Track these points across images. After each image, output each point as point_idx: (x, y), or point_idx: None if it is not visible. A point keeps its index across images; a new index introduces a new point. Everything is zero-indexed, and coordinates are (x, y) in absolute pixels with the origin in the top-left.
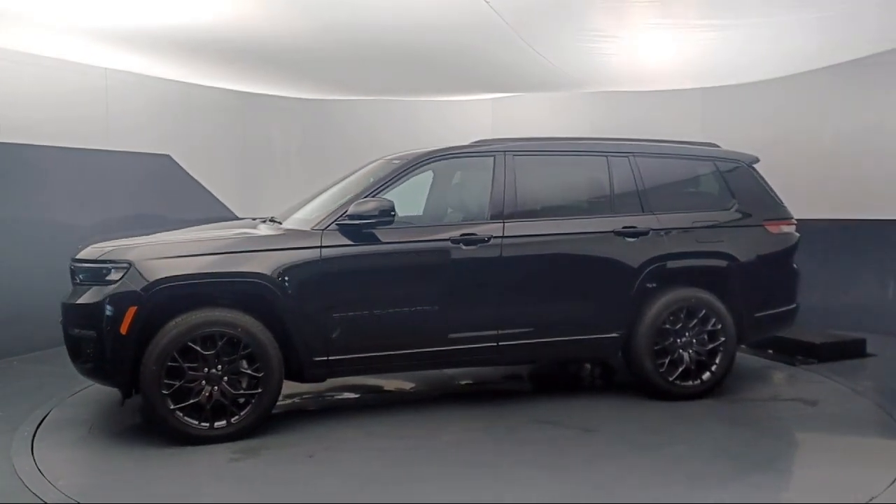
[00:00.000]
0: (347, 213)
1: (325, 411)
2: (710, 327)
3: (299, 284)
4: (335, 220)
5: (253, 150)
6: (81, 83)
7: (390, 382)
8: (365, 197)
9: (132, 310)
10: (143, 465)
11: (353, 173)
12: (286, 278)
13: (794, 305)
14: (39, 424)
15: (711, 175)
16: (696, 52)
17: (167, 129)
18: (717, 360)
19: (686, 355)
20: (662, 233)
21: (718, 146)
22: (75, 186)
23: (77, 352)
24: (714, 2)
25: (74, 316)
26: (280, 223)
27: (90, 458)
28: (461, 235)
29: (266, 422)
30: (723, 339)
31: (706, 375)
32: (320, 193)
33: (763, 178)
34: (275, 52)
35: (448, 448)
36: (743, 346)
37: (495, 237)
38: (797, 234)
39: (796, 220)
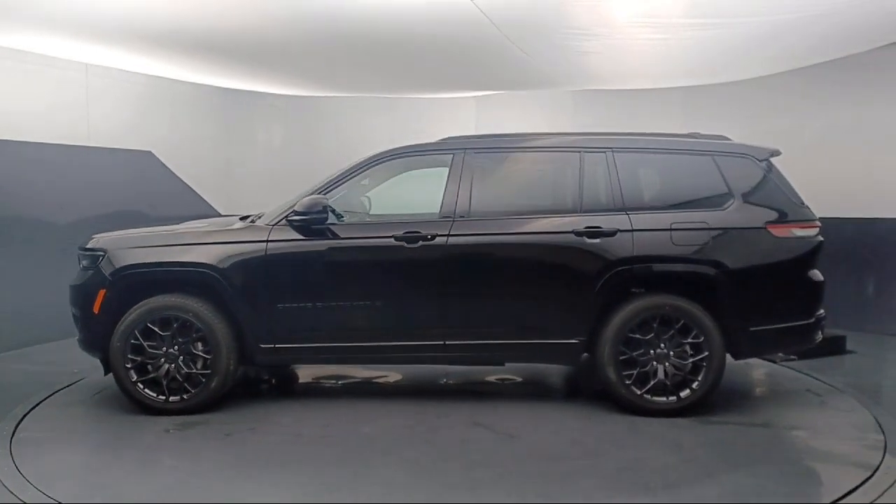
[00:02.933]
0: (294, 209)
1: (285, 396)
2: (691, 339)
3: (245, 275)
4: (285, 216)
5: (236, 148)
6: (62, 79)
7: (381, 375)
8: (312, 194)
9: (102, 292)
10: (90, 429)
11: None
12: (233, 269)
13: (811, 320)
14: (19, 423)
15: (708, 171)
16: (680, 50)
17: (149, 125)
18: (700, 377)
19: (660, 368)
20: (632, 234)
21: (728, 139)
22: (55, 183)
23: (75, 326)
24: (698, 1)
25: (71, 296)
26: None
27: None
28: (404, 233)
29: (224, 399)
30: (706, 353)
31: (685, 392)
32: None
33: (779, 175)
34: (259, 49)
35: (360, 441)
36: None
37: (440, 235)
38: (818, 239)
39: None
